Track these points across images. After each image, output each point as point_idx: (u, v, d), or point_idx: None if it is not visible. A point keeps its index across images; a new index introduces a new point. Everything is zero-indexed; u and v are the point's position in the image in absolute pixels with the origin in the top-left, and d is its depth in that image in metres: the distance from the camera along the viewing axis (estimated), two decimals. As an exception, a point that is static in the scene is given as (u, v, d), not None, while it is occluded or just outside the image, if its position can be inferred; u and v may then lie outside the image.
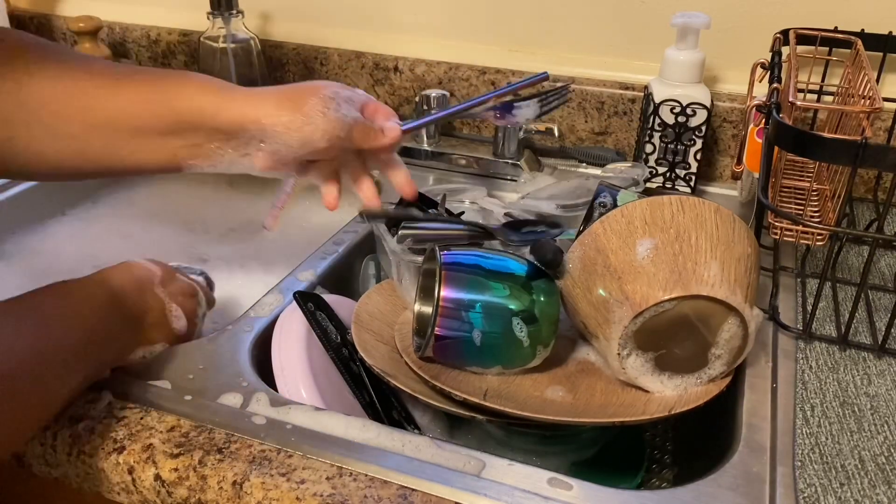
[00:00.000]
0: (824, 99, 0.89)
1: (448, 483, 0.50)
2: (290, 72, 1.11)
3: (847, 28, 0.83)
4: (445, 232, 0.69)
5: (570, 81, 0.97)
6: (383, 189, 0.93)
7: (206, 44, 1.01)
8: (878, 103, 0.61)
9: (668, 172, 0.90)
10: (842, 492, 0.50)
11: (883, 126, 0.87)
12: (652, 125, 0.88)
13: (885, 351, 0.63)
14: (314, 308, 0.65)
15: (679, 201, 0.57)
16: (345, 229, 0.83)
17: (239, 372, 0.60)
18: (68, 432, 0.54)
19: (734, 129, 0.93)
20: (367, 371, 0.62)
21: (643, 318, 0.54)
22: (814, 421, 0.56)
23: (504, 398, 0.57)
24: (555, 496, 0.49)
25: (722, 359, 0.56)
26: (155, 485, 0.52)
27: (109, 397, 0.57)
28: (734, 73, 0.94)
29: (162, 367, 0.61)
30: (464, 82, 1.02)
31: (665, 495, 0.50)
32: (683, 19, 0.84)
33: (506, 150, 0.96)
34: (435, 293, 0.57)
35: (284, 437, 0.54)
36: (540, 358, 0.59)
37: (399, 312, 0.67)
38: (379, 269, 0.81)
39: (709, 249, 0.55)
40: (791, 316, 0.67)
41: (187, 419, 0.56)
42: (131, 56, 1.18)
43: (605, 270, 0.56)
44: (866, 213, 0.86)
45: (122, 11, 1.18)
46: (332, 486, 0.50)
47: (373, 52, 1.06)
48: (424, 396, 0.57)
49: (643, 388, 0.57)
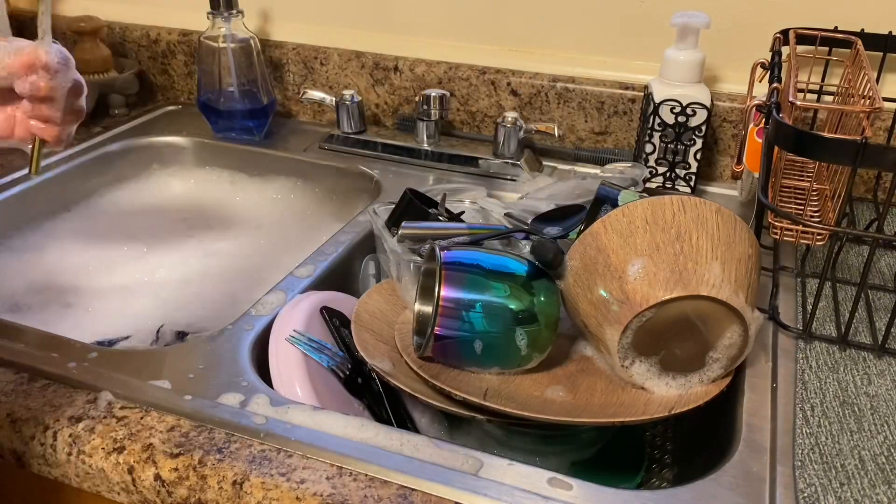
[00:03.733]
0: (824, 99, 0.89)
1: (448, 483, 0.50)
2: (291, 72, 1.11)
3: (847, 28, 0.83)
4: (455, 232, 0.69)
5: (570, 81, 0.97)
6: (383, 189, 0.93)
7: (205, 44, 1.01)
8: (878, 103, 0.61)
9: (668, 172, 0.90)
10: (842, 491, 0.50)
11: (883, 126, 0.87)
12: (652, 125, 0.88)
13: (885, 351, 0.63)
14: (339, 324, 0.65)
15: (680, 201, 0.57)
16: (345, 229, 0.83)
17: (239, 372, 0.60)
18: (68, 432, 0.54)
19: (734, 128, 0.93)
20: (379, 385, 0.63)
21: (643, 318, 0.54)
22: (814, 421, 0.56)
23: (504, 398, 0.57)
24: (555, 496, 0.49)
25: (720, 362, 0.56)
26: (155, 485, 0.52)
27: (109, 397, 0.57)
28: (734, 73, 0.94)
29: (162, 367, 0.61)
30: (464, 82, 1.02)
31: (665, 495, 0.50)
32: (683, 19, 0.84)
33: (506, 150, 0.96)
34: (435, 293, 0.57)
35: (284, 436, 0.54)
36: (539, 359, 0.59)
37: (399, 312, 0.67)
38: (379, 269, 0.81)
39: (710, 250, 0.55)
40: (791, 316, 0.67)
41: (187, 419, 0.56)
42: (131, 56, 1.18)
43: (605, 270, 0.56)
44: (866, 212, 0.86)
45: (122, 11, 1.18)
46: (332, 485, 0.50)
47: (373, 52, 1.06)
48: (424, 396, 0.57)
49: (646, 389, 0.57)
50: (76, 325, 0.77)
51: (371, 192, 0.96)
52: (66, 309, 0.80)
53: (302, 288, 0.72)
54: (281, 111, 1.14)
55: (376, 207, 0.79)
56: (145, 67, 1.19)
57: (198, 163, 1.08)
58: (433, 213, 0.74)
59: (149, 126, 1.11)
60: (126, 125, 1.10)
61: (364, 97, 1.06)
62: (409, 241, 0.68)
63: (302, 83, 1.11)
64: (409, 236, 0.68)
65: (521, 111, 1.00)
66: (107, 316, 0.80)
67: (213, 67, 1.02)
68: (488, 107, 1.02)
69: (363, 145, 1.02)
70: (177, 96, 1.20)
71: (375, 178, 0.96)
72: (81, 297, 0.82)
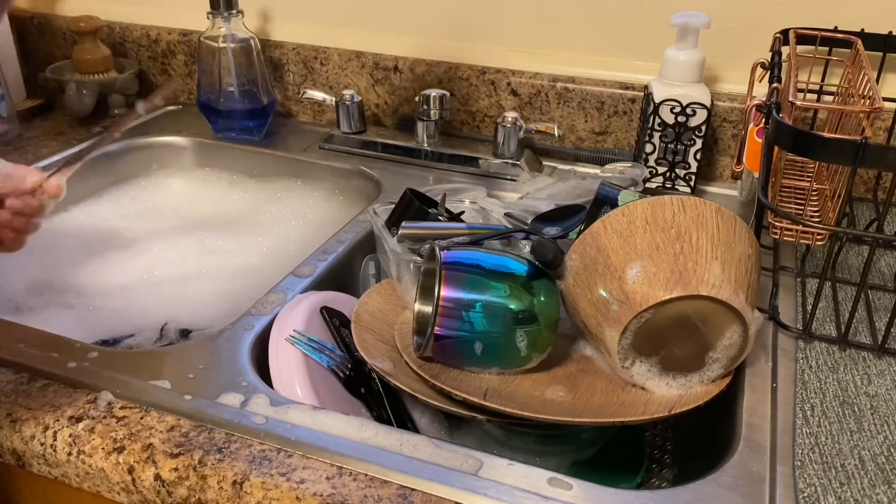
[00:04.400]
0: (824, 99, 0.89)
1: (448, 483, 0.50)
2: (291, 72, 1.11)
3: (847, 28, 0.83)
4: (448, 231, 0.69)
5: (570, 81, 0.97)
6: (383, 189, 0.93)
7: (205, 43, 1.01)
8: (878, 103, 0.61)
9: (668, 172, 0.90)
10: (842, 491, 0.50)
11: (883, 126, 0.87)
12: (652, 125, 0.88)
13: (885, 351, 0.63)
14: (339, 324, 0.65)
15: (680, 201, 0.57)
16: (345, 229, 0.83)
17: (239, 372, 0.60)
18: (68, 432, 0.54)
19: (734, 128, 0.93)
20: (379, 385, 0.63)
21: (643, 318, 0.54)
22: (814, 421, 0.56)
23: (504, 398, 0.57)
24: (555, 496, 0.49)
25: (720, 362, 0.56)
26: (155, 484, 0.52)
27: (109, 397, 0.57)
28: (734, 73, 0.94)
29: (162, 367, 0.61)
30: (464, 82, 1.02)
31: (665, 495, 0.50)
32: (683, 19, 0.84)
33: (506, 150, 0.96)
34: (435, 293, 0.57)
35: (284, 436, 0.54)
36: (539, 359, 0.59)
37: (399, 312, 0.67)
38: (379, 269, 0.81)
39: (710, 250, 0.55)
40: (791, 316, 0.67)
41: (187, 419, 0.56)
42: (131, 56, 1.18)
43: (605, 270, 0.56)
44: (866, 212, 0.86)
45: (122, 11, 1.18)
46: (332, 485, 0.50)
47: (373, 52, 1.06)
48: (424, 396, 0.57)
49: (646, 389, 0.57)
50: (78, 325, 0.77)
51: (371, 192, 0.96)
52: (67, 309, 0.80)
53: (302, 288, 0.72)
54: (281, 111, 1.14)
55: (376, 207, 0.79)
56: (145, 67, 1.19)
57: (198, 163, 1.08)
58: (433, 213, 0.74)
59: (149, 126, 1.11)
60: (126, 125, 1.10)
61: (364, 97, 1.06)
62: (409, 241, 0.68)
63: (302, 83, 1.11)
64: (409, 236, 0.68)
65: (521, 111, 1.00)
66: (109, 315, 0.80)
67: (213, 67, 1.02)
68: (488, 107, 1.02)
69: (363, 145, 1.02)
70: (177, 96, 1.20)
71: (375, 178, 0.96)
72: (83, 296, 0.82)
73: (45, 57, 1.22)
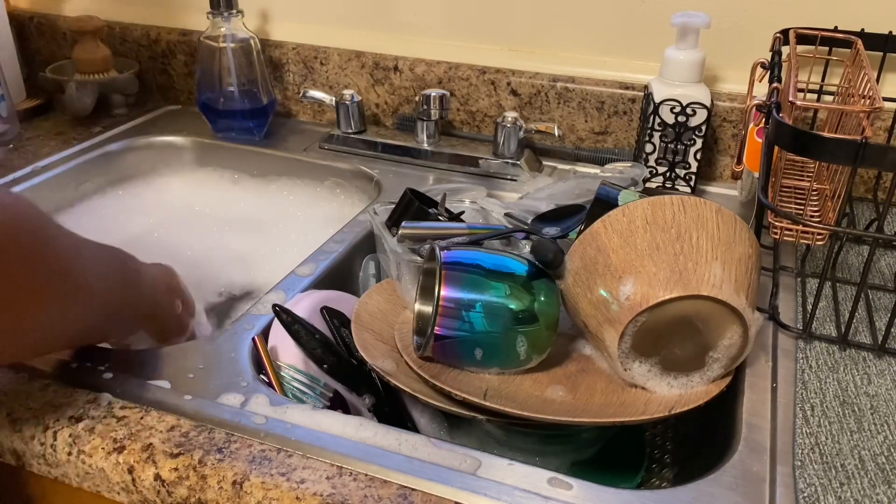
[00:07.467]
0: (824, 99, 0.89)
1: (448, 482, 0.50)
2: (291, 71, 1.11)
3: (847, 28, 0.83)
4: (448, 231, 0.69)
5: (570, 81, 0.97)
6: (383, 189, 0.93)
7: (205, 43, 1.01)
8: (878, 103, 0.61)
9: (668, 172, 0.90)
10: (842, 491, 0.50)
11: (883, 126, 0.87)
12: (652, 125, 0.88)
13: (885, 351, 0.63)
14: (339, 324, 0.66)
15: (680, 201, 0.57)
16: (345, 229, 0.83)
17: (239, 372, 0.60)
18: (68, 432, 0.54)
19: (734, 128, 0.93)
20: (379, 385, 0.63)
21: (644, 318, 0.54)
22: (814, 420, 0.56)
23: (504, 398, 0.57)
24: (555, 496, 0.49)
25: (720, 362, 0.56)
26: (155, 484, 0.52)
27: (109, 397, 0.57)
28: (734, 73, 0.94)
29: (162, 366, 0.61)
30: (464, 82, 1.02)
31: (665, 495, 0.50)
32: (683, 19, 0.84)
33: (506, 149, 0.96)
34: (435, 293, 0.57)
35: (284, 436, 0.54)
36: (539, 359, 0.59)
37: (399, 312, 0.67)
38: (379, 269, 0.81)
39: (710, 250, 0.55)
40: (791, 316, 0.67)
41: (187, 419, 0.56)
42: (131, 56, 1.18)
43: (606, 270, 0.56)
44: (866, 212, 0.86)
45: (122, 11, 1.18)
46: (332, 485, 0.50)
47: (373, 52, 1.06)
48: (424, 396, 0.57)
49: (646, 389, 0.57)
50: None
51: (371, 192, 0.96)
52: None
53: (302, 287, 0.72)
54: (281, 111, 1.14)
55: (376, 207, 0.79)
56: (145, 67, 1.19)
57: (198, 163, 1.08)
58: (433, 213, 0.74)
59: (149, 126, 1.11)
60: (126, 125, 1.10)
61: (364, 97, 1.06)
62: (409, 241, 0.68)
63: (302, 83, 1.11)
64: (409, 236, 0.68)
65: (521, 111, 1.00)
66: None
67: (213, 67, 1.02)
68: (488, 107, 1.02)
69: (363, 145, 1.02)
70: (177, 96, 1.20)
71: (375, 178, 0.96)
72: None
73: (45, 57, 1.22)
